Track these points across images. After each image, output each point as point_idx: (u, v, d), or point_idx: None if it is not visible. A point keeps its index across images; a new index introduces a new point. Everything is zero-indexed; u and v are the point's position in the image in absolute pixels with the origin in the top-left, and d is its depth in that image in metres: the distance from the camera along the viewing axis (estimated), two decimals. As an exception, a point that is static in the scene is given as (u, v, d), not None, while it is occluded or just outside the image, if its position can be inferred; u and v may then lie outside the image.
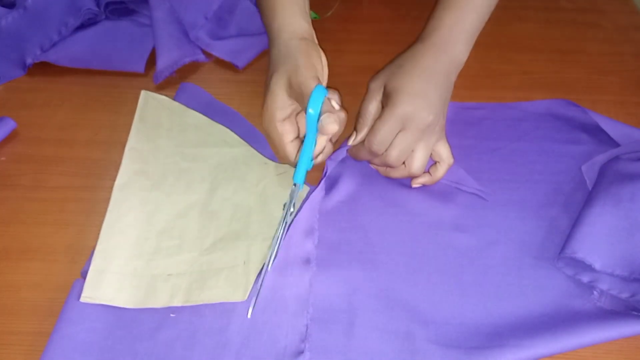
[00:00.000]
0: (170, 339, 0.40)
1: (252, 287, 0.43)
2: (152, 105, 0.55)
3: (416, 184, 0.50)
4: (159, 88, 0.59)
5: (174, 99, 0.57)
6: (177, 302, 0.42)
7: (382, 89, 0.48)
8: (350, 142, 0.49)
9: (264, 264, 0.44)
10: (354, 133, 0.49)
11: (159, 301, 0.42)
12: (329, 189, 0.51)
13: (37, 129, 0.56)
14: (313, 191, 0.48)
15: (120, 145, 0.52)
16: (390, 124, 0.46)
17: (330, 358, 0.40)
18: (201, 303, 0.42)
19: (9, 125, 0.55)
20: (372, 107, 0.49)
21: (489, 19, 0.52)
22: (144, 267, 0.44)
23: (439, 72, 0.49)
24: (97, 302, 0.41)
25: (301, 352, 0.40)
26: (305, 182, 0.48)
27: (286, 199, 0.47)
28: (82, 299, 0.41)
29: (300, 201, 0.48)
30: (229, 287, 0.43)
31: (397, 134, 0.47)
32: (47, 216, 0.48)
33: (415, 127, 0.46)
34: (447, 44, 0.50)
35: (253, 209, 0.49)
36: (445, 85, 0.49)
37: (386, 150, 0.47)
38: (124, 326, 0.41)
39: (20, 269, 0.45)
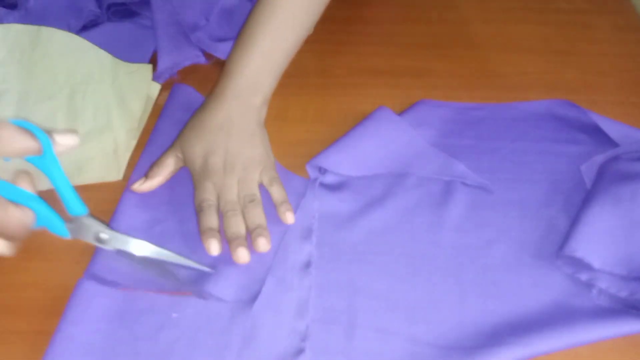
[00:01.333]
0: (172, 340, 0.41)
1: None
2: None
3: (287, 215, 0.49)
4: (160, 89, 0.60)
5: (167, 100, 0.58)
6: None
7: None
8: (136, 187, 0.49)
9: None
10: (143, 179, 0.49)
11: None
12: (329, 189, 0.51)
13: (39, 130, 0.56)
14: (307, 186, 0.48)
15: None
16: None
17: (331, 358, 0.40)
18: (81, 184, 0.48)
19: (11, 125, 0.56)
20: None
21: (489, 19, 0.52)
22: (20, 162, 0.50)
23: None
24: None
25: (302, 351, 0.40)
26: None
27: (140, 94, 0.56)
28: None
29: None
30: (103, 170, 0.51)
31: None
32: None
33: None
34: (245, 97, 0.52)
35: (112, 106, 0.56)
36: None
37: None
38: (126, 326, 0.41)
39: (22, 268, 0.45)
